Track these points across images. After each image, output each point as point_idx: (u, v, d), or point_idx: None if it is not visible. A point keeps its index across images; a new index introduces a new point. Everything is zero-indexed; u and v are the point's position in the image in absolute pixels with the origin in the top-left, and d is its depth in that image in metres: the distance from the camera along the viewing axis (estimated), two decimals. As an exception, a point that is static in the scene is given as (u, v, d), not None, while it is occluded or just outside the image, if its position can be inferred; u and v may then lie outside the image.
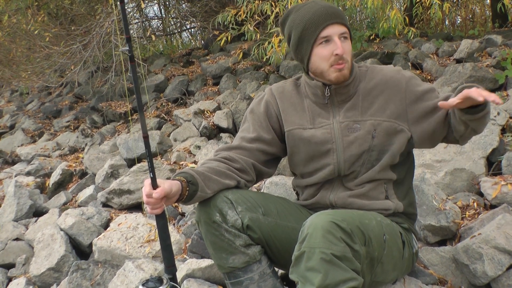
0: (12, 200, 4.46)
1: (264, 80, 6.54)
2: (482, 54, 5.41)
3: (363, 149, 2.09)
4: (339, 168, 2.12)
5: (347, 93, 2.12)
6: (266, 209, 2.03)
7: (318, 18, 2.03)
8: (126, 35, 1.96)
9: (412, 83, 2.11)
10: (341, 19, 2.05)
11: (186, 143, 5.16)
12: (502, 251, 2.29)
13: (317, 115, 2.17)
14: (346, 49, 2.05)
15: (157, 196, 1.82)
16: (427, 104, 2.06)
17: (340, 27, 2.04)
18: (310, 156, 2.17)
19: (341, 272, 1.63)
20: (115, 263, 3.13)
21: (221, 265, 2.02)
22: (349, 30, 2.09)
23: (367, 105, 2.11)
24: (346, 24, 2.08)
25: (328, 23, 2.02)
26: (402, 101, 2.09)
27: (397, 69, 2.17)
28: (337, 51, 2.01)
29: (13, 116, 8.63)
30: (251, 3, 5.33)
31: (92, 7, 8.96)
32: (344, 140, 2.10)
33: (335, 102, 2.14)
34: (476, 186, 3.13)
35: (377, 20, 7.41)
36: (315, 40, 2.05)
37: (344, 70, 2.05)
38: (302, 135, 2.17)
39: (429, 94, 2.08)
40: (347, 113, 2.12)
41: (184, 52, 10.22)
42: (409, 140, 2.11)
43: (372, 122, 2.08)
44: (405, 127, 2.09)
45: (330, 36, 2.03)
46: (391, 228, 2.01)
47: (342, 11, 2.10)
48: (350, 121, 2.10)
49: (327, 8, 2.05)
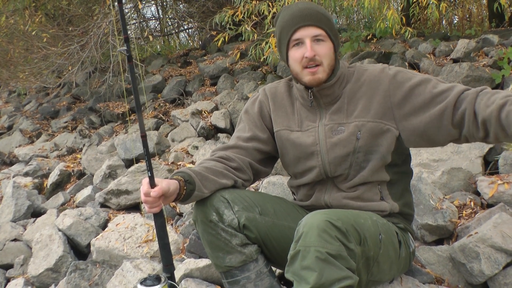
0: (10, 201, 4.47)
1: (262, 80, 6.55)
2: (479, 53, 5.42)
3: (347, 151, 2.06)
4: (325, 170, 2.12)
5: (332, 95, 2.11)
6: (263, 209, 2.04)
7: (292, 20, 2.03)
8: (124, 35, 1.97)
9: (398, 80, 2.02)
10: (315, 21, 2.02)
11: (184, 144, 5.16)
12: (498, 250, 2.30)
13: (305, 118, 2.18)
14: (319, 52, 2.02)
15: (155, 195, 1.83)
16: (416, 100, 1.96)
17: (313, 29, 2.02)
18: (297, 157, 2.18)
19: (336, 271, 1.63)
20: (113, 263, 3.13)
21: (218, 264, 2.03)
22: (328, 32, 2.04)
23: (352, 107, 2.09)
24: (322, 26, 2.03)
25: (299, 25, 2.01)
26: (387, 99, 2.03)
27: (382, 68, 2.10)
28: (306, 53, 2.01)
29: (11, 117, 8.63)
30: (248, 3, 5.33)
31: (90, 7, 8.95)
32: (328, 142, 2.09)
33: (322, 104, 2.14)
34: (473, 185, 3.14)
35: (374, 20, 7.41)
36: (289, 43, 2.06)
37: (317, 73, 2.04)
38: (288, 137, 2.19)
39: (420, 88, 1.97)
40: (333, 116, 2.11)
41: (181, 52, 10.23)
42: (397, 138, 2.05)
43: (356, 123, 2.05)
44: (391, 126, 2.04)
45: (301, 38, 2.03)
46: (387, 227, 2.01)
47: (322, 13, 2.04)
48: (334, 124, 2.09)
49: (303, 10, 2.03)
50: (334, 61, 2.09)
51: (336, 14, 8.54)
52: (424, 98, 1.95)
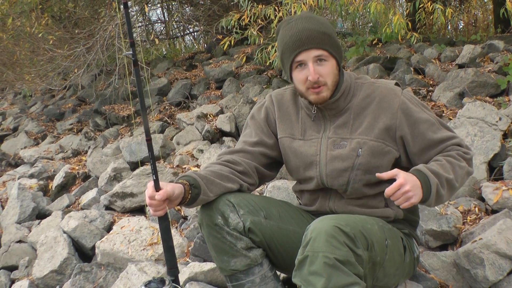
0: (15, 203, 4.48)
1: (267, 84, 6.55)
2: (484, 59, 5.41)
3: (346, 166, 2.06)
4: (322, 182, 2.13)
5: (337, 108, 2.12)
6: (268, 213, 2.04)
7: (293, 44, 2.02)
8: (129, 39, 1.99)
9: (407, 107, 2.05)
10: (316, 44, 2.00)
11: (189, 147, 5.17)
12: (503, 256, 2.30)
13: (308, 127, 2.18)
14: (322, 72, 2.02)
15: (159, 198, 1.84)
16: (417, 139, 2.06)
17: (314, 51, 2.01)
18: (297, 165, 2.20)
19: (343, 277, 1.64)
20: (118, 266, 3.14)
21: (223, 268, 2.03)
22: (329, 51, 2.03)
23: (358, 123, 2.09)
24: (323, 47, 2.01)
25: (300, 50, 2.01)
26: (393, 122, 2.05)
27: (393, 87, 2.11)
28: (309, 77, 2.01)
29: (16, 119, 8.65)
30: (255, 7, 5.34)
31: (96, 10, 8.99)
32: (328, 154, 2.10)
33: (327, 116, 2.14)
34: (478, 191, 3.14)
35: (380, 25, 7.42)
36: (291, 65, 2.07)
37: (322, 93, 2.04)
38: (290, 145, 2.20)
39: (423, 127, 2.06)
40: (337, 130, 2.12)
41: (187, 55, 10.24)
42: (396, 159, 2.11)
43: (358, 140, 2.06)
44: (393, 148, 2.07)
45: (304, 60, 2.02)
46: (392, 233, 2.02)
47: (322, 32, 2.02)
48: (338, 138, 2.10)
49: (302, 32, 2.01)
50: (338, 76, 2.09)
51: (342, 18, 8.55)
52: (423, 140, 2.06)
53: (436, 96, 4.71)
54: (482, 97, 4.43)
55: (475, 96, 4.44)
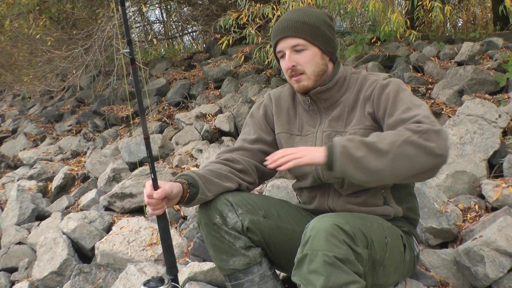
0: (15, 204, 4.47)
1: (266, 84, 6.55)
2: (483, 56, 5.41)
3: None
4: (318, 176, 2.12)
5: (331, 99, 2.13)
6: (267, 212, 2.04)
7: (274, 34, 2.11)
8: (127, 37, 1.98)
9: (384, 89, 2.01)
10: (292, 32, 2.04)
11: (188, 147, 5.17)
12: (503, 254, 2.29)
13: (305, 122, 2.20)
14: (300, 61, 2.05)
15: (157, 197, 1.84)
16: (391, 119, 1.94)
17: (291, 40, 2.05)
18: None
19: (343, 275, 1.63)
20: (118, 266, 3.13)
21: (221, 267, 2.03)
22: (308, 40, 2.04)
23: (351, 117, 2.10)
24: (300, 36, 2.04)
25: (278, 38, 2.08)
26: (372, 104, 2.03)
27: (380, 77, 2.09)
28: (285, 65, 2.08)
29: (15, 120, 8.65)
30: (253, 6, 5.34)
31: (94, 11, 8.99)
32: None
33: (322, 109, 2.16)
34: (478, 189, 3.13)
35: (379, 23, 7.42)
36: (276, 55, 2.15)
37: (301, 81, 2.08)
38: (288, 140, 2.21)
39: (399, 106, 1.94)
40: (332, 123, 2.12)
41: (185, 55, 10.24)
42: None
43: (351, 132, 2.06)
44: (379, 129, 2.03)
45: (282, 50, 2.09)
46: (392, 231, 2.01)
47: (302, 21, 2.04)
48: (332, 131, 2.11)
49: (282, 21, 2.08)
50: (322, 66, 2.09)
51: (340, 17, 8.54)
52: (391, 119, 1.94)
53: (435, 94, 4.71)
54: (482, 95, 4.43)
55: (475, 94, 4.44)
